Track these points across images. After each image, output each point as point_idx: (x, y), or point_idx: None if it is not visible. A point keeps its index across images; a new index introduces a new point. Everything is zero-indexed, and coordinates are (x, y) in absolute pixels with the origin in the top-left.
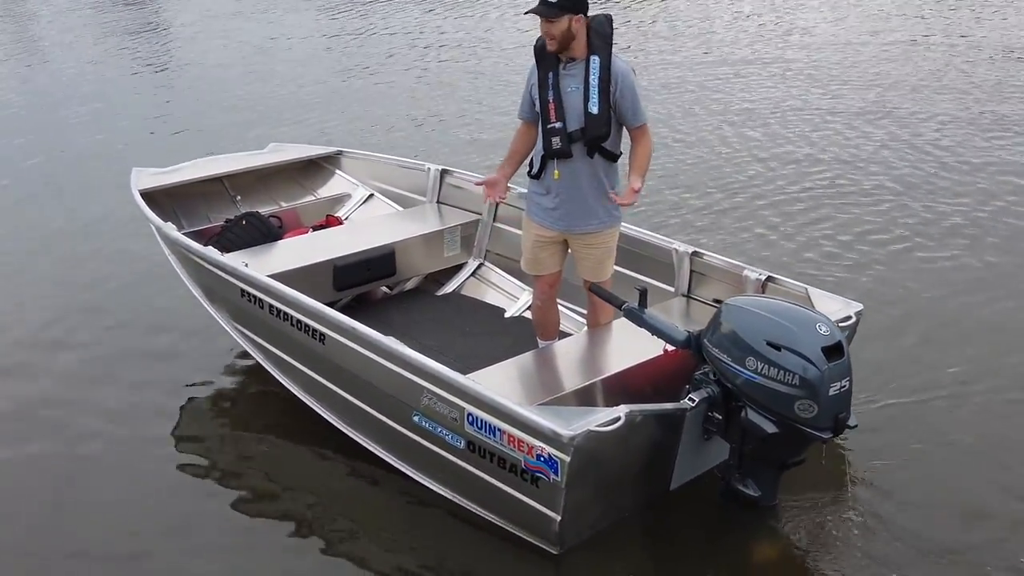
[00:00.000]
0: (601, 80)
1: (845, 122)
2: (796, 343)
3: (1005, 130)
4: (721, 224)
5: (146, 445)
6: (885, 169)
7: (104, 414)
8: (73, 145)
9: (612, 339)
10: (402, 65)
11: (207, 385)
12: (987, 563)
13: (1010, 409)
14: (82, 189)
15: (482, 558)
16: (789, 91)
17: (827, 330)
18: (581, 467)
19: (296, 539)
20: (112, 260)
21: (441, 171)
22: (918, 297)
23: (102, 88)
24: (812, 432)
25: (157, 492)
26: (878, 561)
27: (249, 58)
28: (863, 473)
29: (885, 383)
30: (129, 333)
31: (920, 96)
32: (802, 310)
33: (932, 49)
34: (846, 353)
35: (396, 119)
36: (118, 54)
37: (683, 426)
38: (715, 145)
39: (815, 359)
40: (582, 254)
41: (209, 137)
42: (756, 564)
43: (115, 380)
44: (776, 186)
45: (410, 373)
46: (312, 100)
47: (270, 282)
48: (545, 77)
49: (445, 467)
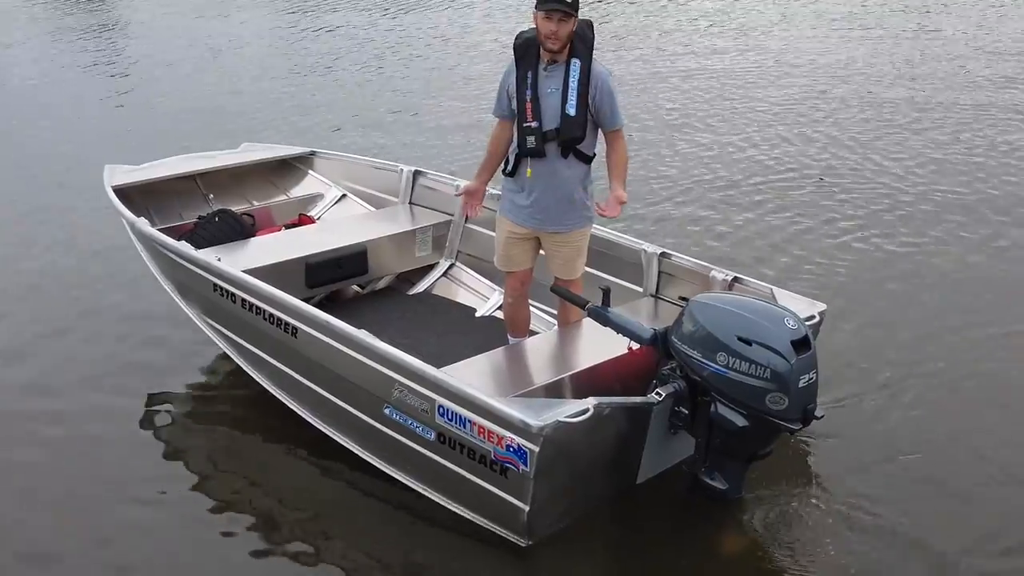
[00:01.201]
0: (580, 83)
1: (808, 124)
2: (766, 337)
3: (971, 127)
4: (687, 227)
5: (111, 443)
6: (852, 172)
7: (71, 412)
8: (39, 145)
9: (582, 336)
10: (372, 64)
11: (177, 381)
12: (951, 552)
13: (971, 402)
14: (50, 187)
15: (450, 550)
16: (755, 95)
17: (795, 324)
18: (550, 458)
19: (263, 533)
20: (79, 257)
21: (414, 172)
22: (881, 295)
23: (65, 89)
24: (783, 424)
25: (121, 489)
26: (843, 550)
27: (213, 58)
28: (827, 464)
29: (848, 378)
30: (98, 331)
31: (879, 96)
32: (769, 306)
33: (899, 43)
34: (812, 346)
35: (368, 119)
36: (79, 54)
37: (650, 420)
38: (678, 149)
39: (785, 352)
40: (553, 252)
41: (179, 137)
42: (723, 555)
43: (85, 378)
44: (740, 190)
45: (381, 366)
46: (283, 100)
47: (243, 276)
48: (524, 76)
49: (415, 459)
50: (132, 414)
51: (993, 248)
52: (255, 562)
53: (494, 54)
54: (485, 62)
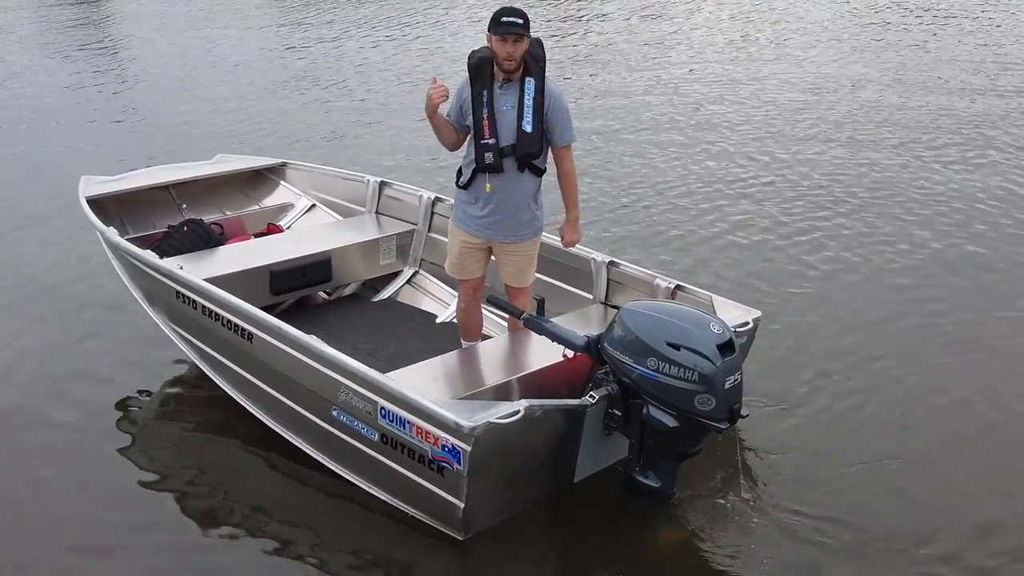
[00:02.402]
0: (536, 101)
1: (756, 140)
2: (693, 342)
3: (908, 146)
4: (636, 236)
5: (78, 445)
6: (793, 187)
7: (37, 415)
8: (18, 156)
9: (532, 341)
10: (347, 80)
11: (141, 385)
12: (871, 534)
13: (906, 406)
14: (25, 200)
15: (393, 545)
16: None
17: (720, 329)
18: (482, 457)
19: (216, 528)
20: (49, 268)
21: (380, 183)
22: (817, 303)
23: (45, 100)
24: (710, 424)
25: (83, 491)
26: (768, 542)
27: (194, 71)
28: (753, 460)
29: (783, 381)
30: (66, 336)
31: (825, 112)
32: (695, 312)
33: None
34: (737, 349)
35: (340, 132)
36: (61, 65)
37: (584, 422)
38: (626, 161)
39: (711, 356)
40: (505, 260)
41: (155, 148)
42: (657, 549)
43: (53, 382)
44: (691, 200)
45: (329, 369)
46: (260, 112)
47: (202, 283)
48: (480, 94)
49: (361, 459)
50: (95, 417)
51: (931, 251)
52: (209, 556)
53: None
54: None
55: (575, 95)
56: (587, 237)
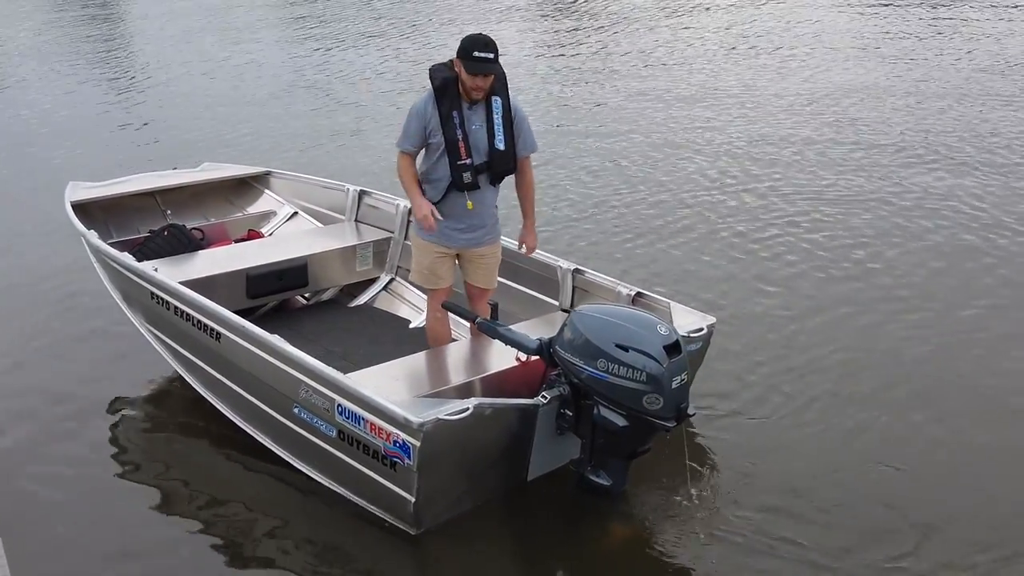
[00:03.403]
0: (505, 119)
1: (718, 149)
2: (642, 344)
3: (862, 163)
4: (600, 245)
5: (45, 443)
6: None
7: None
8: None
9: (495, 344)
10: (331, 91)
11: (117, 382)
12: (817, 530)
13: (853, 412)
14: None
15: (350, 540)
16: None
17: (666, 331)
18: (431, 453)
19: (180, 520)
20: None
21: (359, 191)
22: (761, 307)
23: (39, 107)
24: (658, 422)
25: (47, 485)
26: (716, 538)
27: (186, 81)
28: (704, 459)
29: (728, 382)
30: (50, 336)
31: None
32: (643, 315)
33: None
34: (683, 350)
35: (326, 141)
36: (64, 76)
37: (536, 421)
38: (595, 171)
39: (658, 357)
40: (477, 264)
41: (148, 154)
42: (610, 545)
43: (28, 382)
44: (657, 211)
45: (290, 368)
46: (250, 121)
47: (174, 285)
48: (450, 115)
49: (321, 455)
50: (73, 415)
51: (886, 262)
52: (173, 548)
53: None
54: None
55: (544, 108)
56: (554, 246)
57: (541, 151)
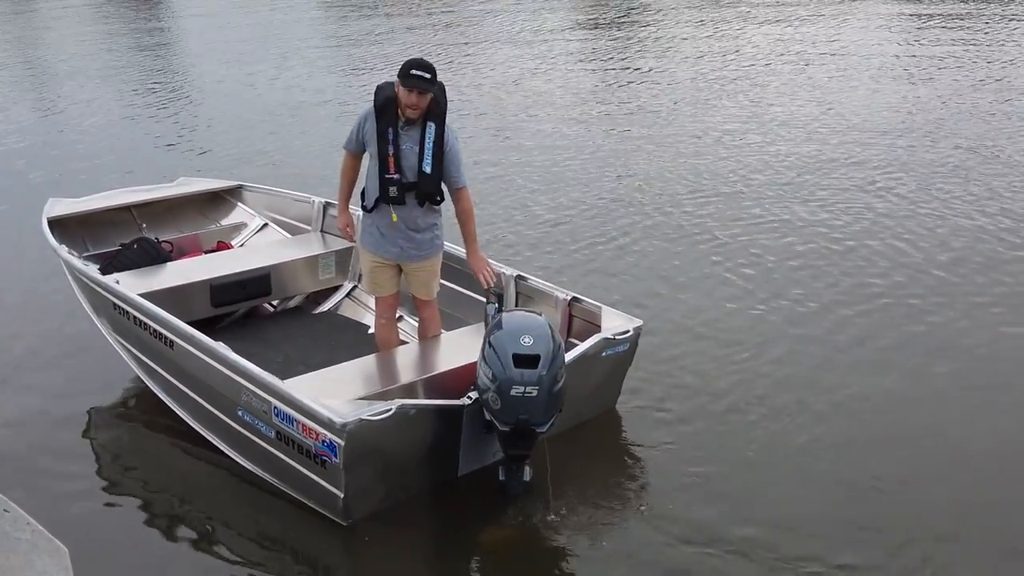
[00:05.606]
0: (436, 145)
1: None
2: (502, 347)
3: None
4: (543, 253)
5: (15, 441)
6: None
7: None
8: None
9: (439, 348)
10: (310, 109)
11: (82, 390)
12: (736, 535)
13: (781, 419)
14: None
15: (289, 529)
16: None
17: (529, 343)
18: (356, 451)
19: (137, 514)
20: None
21: (324, 203)
22: (690, 310)
23: (13, 126)
24: (495, 422)
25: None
26: (638, 537)
27: (168, 99)
28: (630, 460)
29: (655, 386)
30: (21, 344)
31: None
32: (529, 323)
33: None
34: (542, 367)
35: (299, 155)
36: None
37: (462, 421)
38: (537, 179)
39: (506, 362)
40: (413, 277)
41: (120, 171)
42: (530, 539)
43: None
44: (602, 221)
45: (233, 373)
46: (226, 136)
47: (133, 296)
48: (385, 131)
49: (261, 453)
50: (42, 417)
51: (834, 268)
52: (132, 538)
53: None
54: None
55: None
56: (504, 254)
57: (544, 151)
